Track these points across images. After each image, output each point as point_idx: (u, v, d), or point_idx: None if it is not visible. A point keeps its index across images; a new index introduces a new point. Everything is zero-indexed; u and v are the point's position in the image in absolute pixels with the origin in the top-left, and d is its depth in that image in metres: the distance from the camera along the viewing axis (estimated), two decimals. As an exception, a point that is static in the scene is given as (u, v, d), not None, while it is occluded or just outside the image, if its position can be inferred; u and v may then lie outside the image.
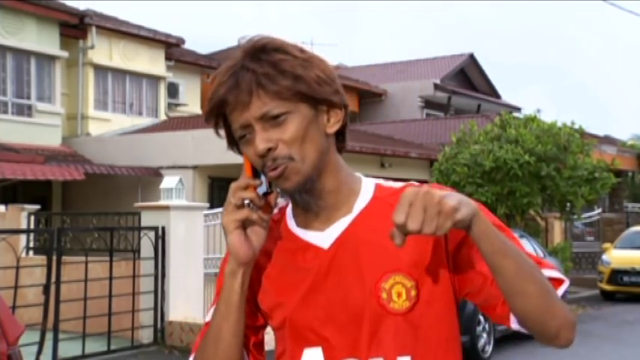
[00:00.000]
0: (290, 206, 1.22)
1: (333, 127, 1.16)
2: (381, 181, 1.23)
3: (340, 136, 1.19)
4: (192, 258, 8.44)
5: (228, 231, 1.13)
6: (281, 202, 1.21)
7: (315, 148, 1.13)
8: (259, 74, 1.10)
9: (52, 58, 14.74)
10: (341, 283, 1.14)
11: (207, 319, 1.23)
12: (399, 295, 1.12)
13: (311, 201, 1.15)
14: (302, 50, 1.14)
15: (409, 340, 1.13)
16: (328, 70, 1.15)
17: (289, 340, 1.17)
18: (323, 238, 1.16)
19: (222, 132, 1.18)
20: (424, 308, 1.14)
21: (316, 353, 1.14)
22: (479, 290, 1.15)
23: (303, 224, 1.19)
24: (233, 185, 1.13)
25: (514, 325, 1.14)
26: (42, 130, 14.27)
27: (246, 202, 1.13)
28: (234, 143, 1.19)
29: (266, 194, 1.14)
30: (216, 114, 1.15)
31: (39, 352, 6.46)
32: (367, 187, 1.20)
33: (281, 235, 1.20)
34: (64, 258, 7.42)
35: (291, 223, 1.21)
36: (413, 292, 1.13)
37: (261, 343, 1.24)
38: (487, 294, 1.15)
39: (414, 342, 1.13)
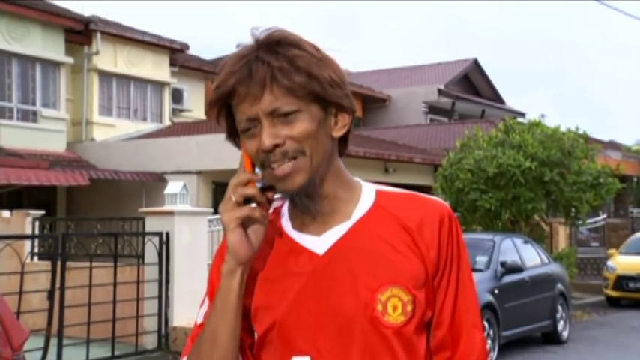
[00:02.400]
0: (286, 207, 1.19)
1: (339, 132, 1.13)
2: (382, 187, 1.19)
3: (343, 141, 1.16)
4: (196, 263, 8.44)
5: (229, 229, 1.10)
6: (276, 202, 1.18)
7: (322, 149, 1.10)
8: (274, 68, 1.06)
9: (57, 64, 14.80)
10: (334, 291, 1.10)
11: (199, 320, 1.19)
12: (395, 308, 1.09)
13: (310, 205, 1.12)
14: (317, 49, 1.11)
15: (401, 355, 1.09)
16: (340, 73, 1.12)
17: (277, 347, 1.11)
18: (319, 243, 1.13)
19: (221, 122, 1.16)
20: (419, 325, 1.11)
21: None
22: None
23: (299, 227, 1.15)
24: (233, 181, 1.10)
25: None
26: (47, 136, 14.32)
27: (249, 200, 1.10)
28: (233, 135, 1.16)
29: (264, 190, 1.12)
30: (222, 103, 1.12)
31: (43, 358, 6.46)
32: (368, 194, 1.16)
33: (274, 236, 1.15)
34: (69, 263, 7.42)
35: (286, 224, 1.17)
36: (409, 307, 1.09)
37: (252, 347, 1.18)
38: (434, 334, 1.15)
39: (405, 357, 1.10)
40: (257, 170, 1.12)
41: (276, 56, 1.07)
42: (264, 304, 1.14)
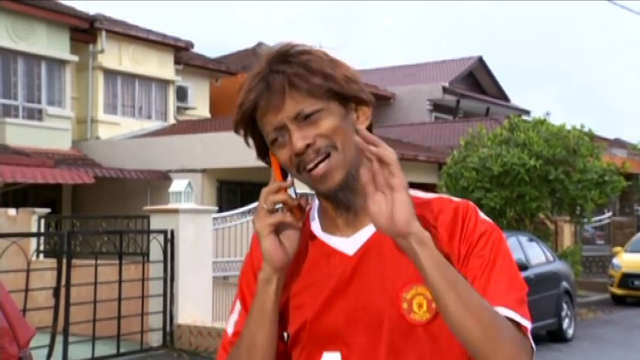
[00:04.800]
0: (315, 210, 1.22)
1: (362, 124, 1.17)
2: (411, 191, 1.20)
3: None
4: (200, 261, 8.46)
5: (262, 236, 1.12)
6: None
7: (351, 142, 1.12)
8: (290, 74, 1.11)
9: (62, 63, 14.84)
10: (363, 291, 1.13)
11: (230, 329, 1.22)
12: (420, 306, 1.11)
13: (353, 198, 1.14)
14: (325, 53, 1.16)
15: (427, 352, 1.11)
16: (352, 70, 1.17)
17: (307, 344, 1.16)
18: (348, 244, 1.16)
19: (250, 142, 1.19)
20: (444, 321, 1.11)
21: (335, 358, 1.13)
22: None
23: (330, 230, 1.18)
24: (264, 190, 1.14)
25: None
26: (52, 134, 14.36)
27: (278, 206, 1.13)
28: (263, 153, 1.19)
29: (296, 197, 1.15)
30: (247, 120, 1.15)
31: (49, 355, 6.48)
32: None
33: (306, 240, 1.18)
34: (74, 261, 7.45)
35: (316, 228, 1.20)
36: (434, 304, 1.10)
37: (284, 353, 1.21)
38: None
39: (432, 354, 1.12)
40: (288, 178, 1.15)
41: (289, 64, 1.12)
42: (297, 304, 1.17)
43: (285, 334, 1.19)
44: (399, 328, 1.11)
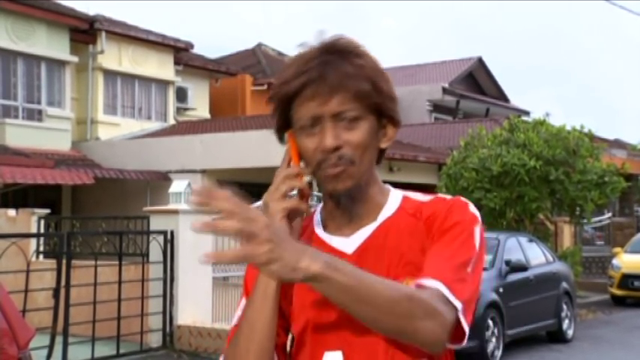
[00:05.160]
0: (317, 213, 1.25)
1: (386, 143, 1.20)
2: (409, 194, 1.25)
3: (381, 150, 1.22)
4: (200, 262, 8.45)
5: (276, 220, 1.13)
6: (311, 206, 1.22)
7: (371, 158, 1.18)
8: (345, 73, 1.12)
9: (62, 63, 14.85)
10: None
11: (234, 322, 1.22)
12: None
13: (352, 207, 1.18)
14: (378, 61, 1.18)
15: None
16: (394, 88, 1.19)
17: (310, 343, 1.17)
18: (347, 243, 1.19)
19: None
20: None
21: (336, 357, 1.15)
22: None
23: (331, 230, 1.22)
24: (282, 173, 1.15)
25: None
26: (52, 135, 14.37)
27: (293, 192, 1.14)
28: (281, 130, 1.20)
29: (309, 185, 1.17)
30: (285, 98, 1.15)
31: (49, 356, 6.48)
32: (395, 198, 1.23)
33: (308, 239, 1.21)
34: (74, 262, 7.45)
35: (318, 228, 1.23)
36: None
37: (285, 347, 1.22)
38: None
39: None
40: (301, 164, 1.16)
41: (347, 62, 1.13)
42: (299, 304, 1.19)
43: (290, 336, 1.20)
44: None
